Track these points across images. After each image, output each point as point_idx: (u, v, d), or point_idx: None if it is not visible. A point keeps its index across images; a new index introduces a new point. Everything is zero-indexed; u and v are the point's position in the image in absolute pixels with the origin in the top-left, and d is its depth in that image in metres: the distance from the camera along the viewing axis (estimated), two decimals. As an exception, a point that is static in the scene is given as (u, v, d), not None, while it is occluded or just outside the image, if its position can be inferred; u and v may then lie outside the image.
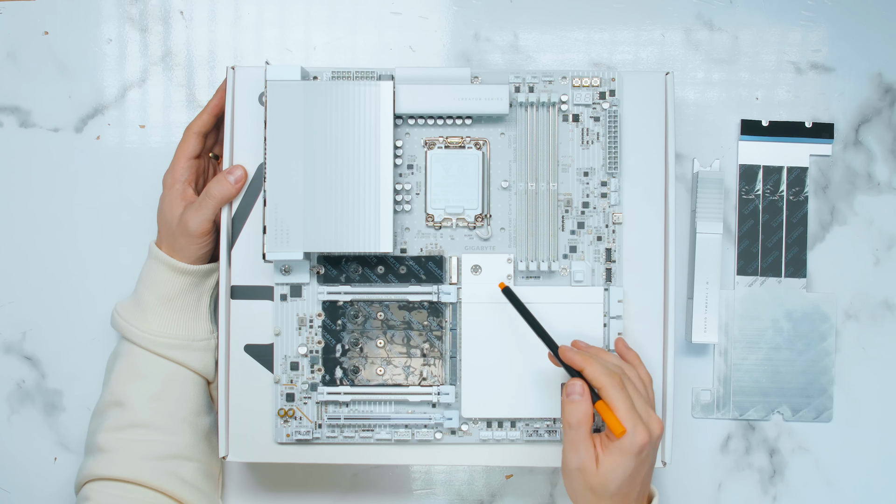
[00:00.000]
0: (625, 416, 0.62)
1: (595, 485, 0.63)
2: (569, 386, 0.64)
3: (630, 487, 0.63)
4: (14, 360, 0.81)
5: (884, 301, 0.81)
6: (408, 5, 0.82)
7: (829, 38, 0.82)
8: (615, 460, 0.62)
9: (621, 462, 0.62)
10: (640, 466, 0.63)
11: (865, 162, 0.81)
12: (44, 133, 0.81)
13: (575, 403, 0.63)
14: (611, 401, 0.62)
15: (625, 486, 0.63)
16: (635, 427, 0.62)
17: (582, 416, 0.63)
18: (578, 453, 0.63)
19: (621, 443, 0.62)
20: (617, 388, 0.63)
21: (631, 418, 0.62)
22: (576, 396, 0.63)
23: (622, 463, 0.62)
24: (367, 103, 0.70)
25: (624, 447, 0.62)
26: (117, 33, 0.82)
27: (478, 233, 0.73)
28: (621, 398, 0.63)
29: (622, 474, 0.62)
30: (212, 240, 0.73)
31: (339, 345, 0.72)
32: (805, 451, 0.81)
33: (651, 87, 0.73)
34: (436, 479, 0.81)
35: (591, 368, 0.64)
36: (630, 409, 0.62)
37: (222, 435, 0.72)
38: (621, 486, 0.62)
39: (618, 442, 0.62)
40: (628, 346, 0.71)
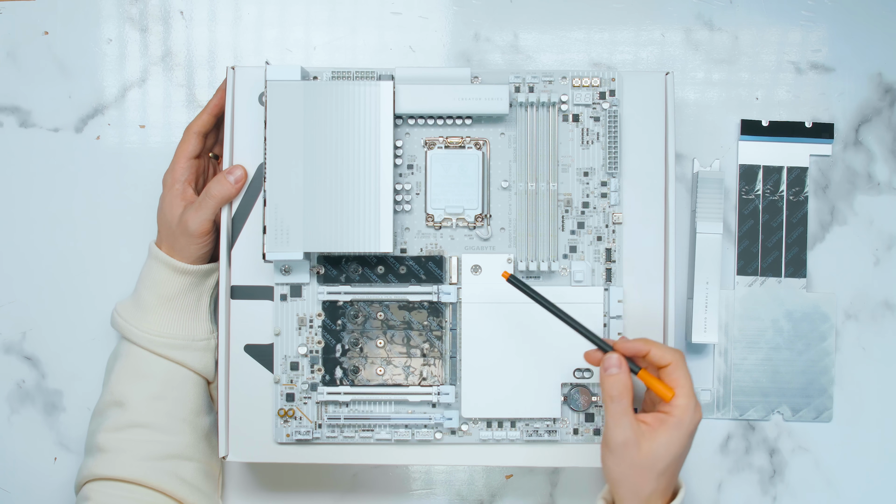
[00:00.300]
0: (688, 392, 0.62)
1: (642, 460, 0.61)
2: (605, 360, 0.63)
3: (675, 467, 0.62)
4: (14, 360, 0.81)
5: (884, 301, 0.81)
6: (408, 5, 0.82)
7: (829, 38, 0.82)
8: (671, 436, 0.61)
9: (676, 437, 0.61)
10: (687, 448, 0.62)
11: (865, 162, 0.81)
12: (44, 133, 0.81)
13: (614, 376, 0.62)
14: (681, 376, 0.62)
15: (672, 465, 0.62)
16: (696, 405, 0.62)
17: (623, 387, 0.62)
18: (622, 427, 0.62)
19: (680, 419, 0.61)
20: (682, 363, 0.63)
21: (693, 395, 0.62)
22: (613, 370, 0.63)
23: (677, 438, 0.61)
24: (367, 103, 0.70)
25: (684, 422, 0.61)
26: (117, 33, 0.82)
27: (478, 233, 0.73)
28: (686, 375, 0.62)
29: (674, 452, 0.61)
30: (212, 240, 0.73)
31: (339, 345, 0.72)
32: (805, 451, 0.81)
33: (651, 87, 0.73)
34: (436, 479, 0.81)
35: (657, 348, 0.63)
36: (691, 388, 0.62)
37: (222, 435, 0.72)
38: (669, 465, 0.61)
39: (678, 418, 0.61)
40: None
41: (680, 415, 0.61)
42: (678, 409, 0.62)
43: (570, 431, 0.72)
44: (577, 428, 0.72)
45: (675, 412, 0.62)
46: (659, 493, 0.63)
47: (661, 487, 0.63)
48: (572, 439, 0.72)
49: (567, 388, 0.72)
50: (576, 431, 0.72)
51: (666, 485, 0.63)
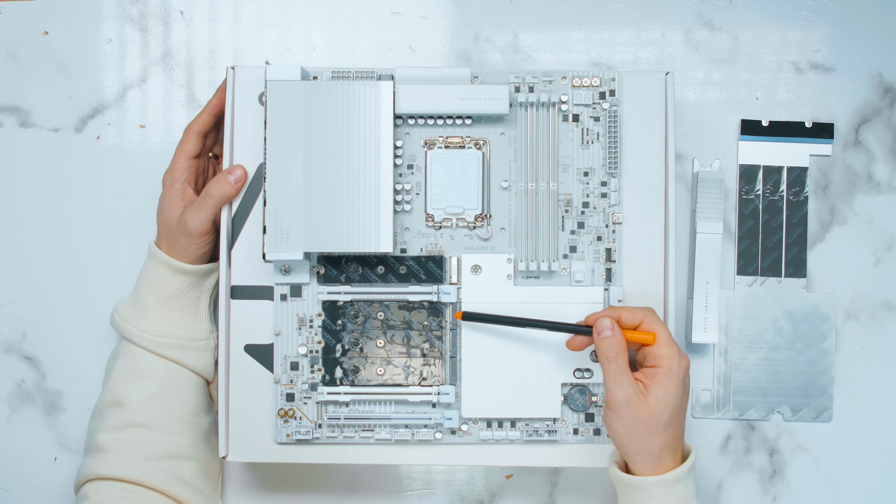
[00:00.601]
0: (669, 340, 0.64)
1: (646, 417, 0.63)
2: (598, 324, 0.65)
3: (679, 418, 0.64)
4: (14, 360, 0.81)
5: (884, 301, 0.81)
6: (408, 5, 0.82)
7: (829, 38, 0.82)
8: (665, 386, 0.63)
9: (671, 387, 0.63)
10: (685, 394, 0.64)
11: (865, 162, 0.81)
12: (44, 133, 0.81)
13: (608, 338, 0.64)
14: (657, 328, 0.65)
15: (675, 416, 0.63)
16: (679, 352, 0.64)
17: (618, 347, 0.64)
18: (622, 385, 0.63)
19: (668, 368, 0.63)
20: (655, 317, 0.65)
21: (674, 343, 0.64)
22: (607, 332, 0.65)
23: (672, 387, 0.63)
24: (367, 103, 0.70)
25: (672, 370, 0.63)
26: (117, 33, 0.82)
27: (478, 233, 0.73)
28: (662, 326, 0.65)
29: (673, 401, 0.63)
30: (211, 239, 0.73)
31: (339, 345, 0.72)
32: (805, 451, 0.81)
33: (651, 87, 0.73)
34: (436, 479, 0.81)
35: (626, 312, 0.66)
36: (670, 335, 0.65)
37: (222, 435, 0.72)
38: (672, 416, 0.63)
39: (666, 368, 0.63)
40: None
41: (667, 364, 0.63)
42: (663, 359, 0.64)
43: (570, 431, 0.72)
44: (577, 428, 0.72)
45: (662, 362, 0.64)
46: (669, 449, 0.64)
47: (669, 442, 0.64)
48: (572, 439, 0.72)
49: (567, 388, 0.72)
50: (576, 431, 0.72)
51: (674, 439, 0.64)
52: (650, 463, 0.64)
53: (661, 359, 0.64)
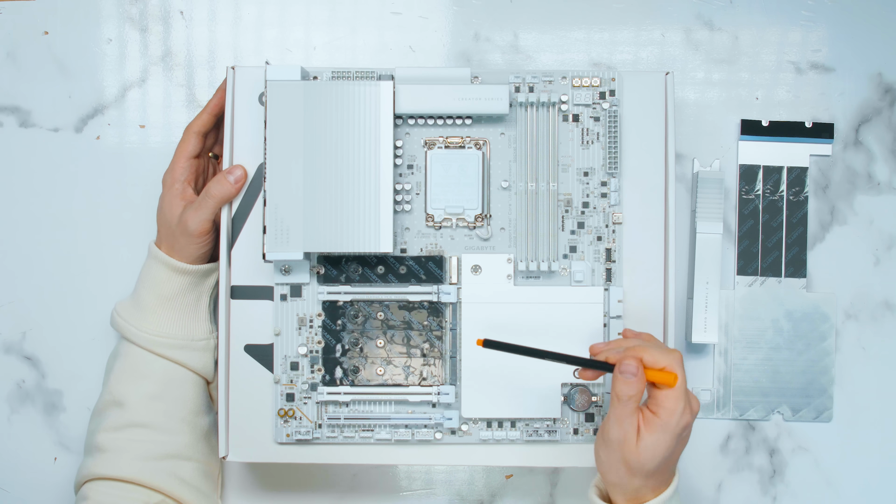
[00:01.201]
0: (680, 394, 0.62)
1: (632, 460, 0.62)
2: (623, 365, 0.63)
3: (665, 466, 0.63)
4: (14, 360, 0.81)
5: (884, 301, 0.81)
6: (408, 5, 0.82)
7: (829, 38, 0.82)
8: (658, 438, 0.62)
9: (663, 440, 0.62)
10: (679, 446, 0.63)
11: (865, 162, 0.81)
12: (44, 133, 0.81)
13: (629, 382, 0.62)
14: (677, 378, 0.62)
15: (661, 465, 0.63)
16: (684, 407, 0.62)
17: (636, 392, 0.62)
18: (623, 425, 0.62)
19: (666, 421, 0.62)
20: (679, 365, 0.63)
21: (683, 397, 0.62)
22: (630, 376, 0.62)
23: (664, 440, 0.62)
24: (367, 103, 0.70)
25: (670, 425, 0.62)
26: (117, 33, 0.82)
27: (478, 233, 0.73)
28: (682, 375, 0.63)
29: (662, 453, 0.62)
30: (211, 239, 0.73)
31: (339, 345, 0.72)
32: (805, 451, 0.81)
33: (651, 87, 0.73)
34: (436, 479, 0.81)
35: (648, 354, 0.63)
36: (685, 388, 0.63)
37: (222, 435, 0.72)
38: (658, 465, 0.62)
39: (664, 419, 0.62)
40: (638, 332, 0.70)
41: (665, 417, 0.62)
42: (664, 411, 0.62)
43: (570, 431, 0.72)
44: (577, 428, 0.72)
45: (661, 413, 0.62)
46: (649, 489, 0.64)
47: (650, 484, 0.63)
48: (572, 439, 0.72)
49: (567, 388, 0.72)
50: (576, 431, 0.72)
51: (657, 482, 0.64)
52: (626, 497, 0.64)
53: (663, 409, 0.62)
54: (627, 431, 0.62)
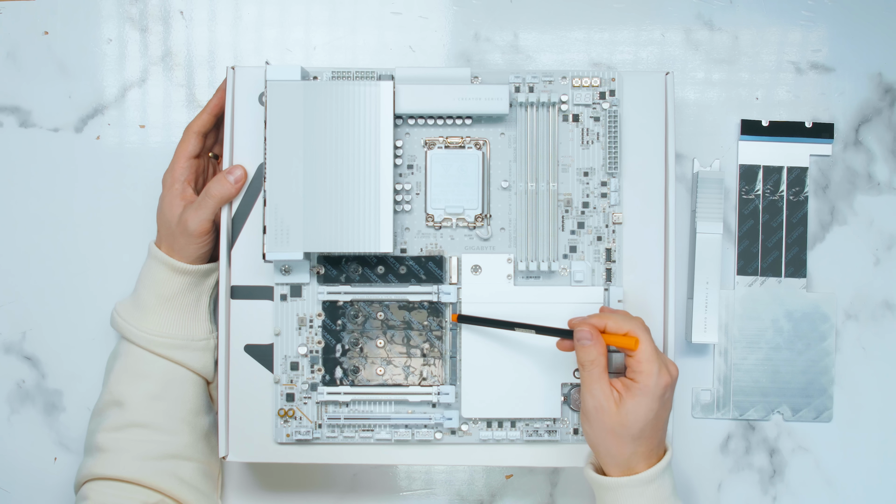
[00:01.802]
0: (650, 355, 0.64)
1: (615, 425, 0.63)
2: (577, 332, 0.65)
3: (653, 431, 0.64)
4: (14, 360, 0.81)
5: (884, 301, 0.81)
6: (408, 5, 0.82)
7: (829, 38, 0.82)
8: (638, 401, 0.63)
9: (644, 403, 0.63)
10: (662, 409, 0.64)
11: (865, 162, 0.81)
12: (44, 133, 0.81)
13: (586, 347, 0.65)
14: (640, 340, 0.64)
15: (647, 429, 0.63)
16: (660, 368, 0.63)
17: (595, 355, 0.64)
18: (594, 393, 0.64)
19: (645, 384, 0.63)
20: (641, 328, 0.65)
21: (656, 359, 0.64)
22: (586, 341, 0.65)
23: (645, 403, 0.63)
24: (367, 103, 0.70)
25: (648, 387, 0.63)
26: (117, 33, 0.82)
27: (478, 233, 0.73)
28: (647, 338, 0.64)
29: (645, 416, 0.63)
30: (211, 239, 0.73)
31: (339, 345, 0.72)
32: (805, 451, 0.81)
33: (651, 87, 0.73)
34: (436, 479, 0.81)
35: (613, 320, 0.65)
36: (654, 349, 0.64)
37: (222, 435, 0.72)
38: (644, 429, 0.63)
39: (642, 383, 0.63)
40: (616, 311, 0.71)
41: (644, 379, 0.63)
42: (642, 375, 0.63)
43: (570, 431, 0.72)
44: (577, 428, 0.72)
45: (639, 377, 0.64)
46: (640, 456, 0.64)
47: (640, 451, 0.64)
48: (572, 439, 0.72)
49: (567, 388, 0.72)
50: (576, 431, 0.72)
51: (647, 449, 0.64)
52: (619, 468, 0.65)
53: (639, 374, 0.64)
54: (599, 398, 0.64)
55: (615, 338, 0.65)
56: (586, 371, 0.65)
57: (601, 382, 0.64)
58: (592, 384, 0.64)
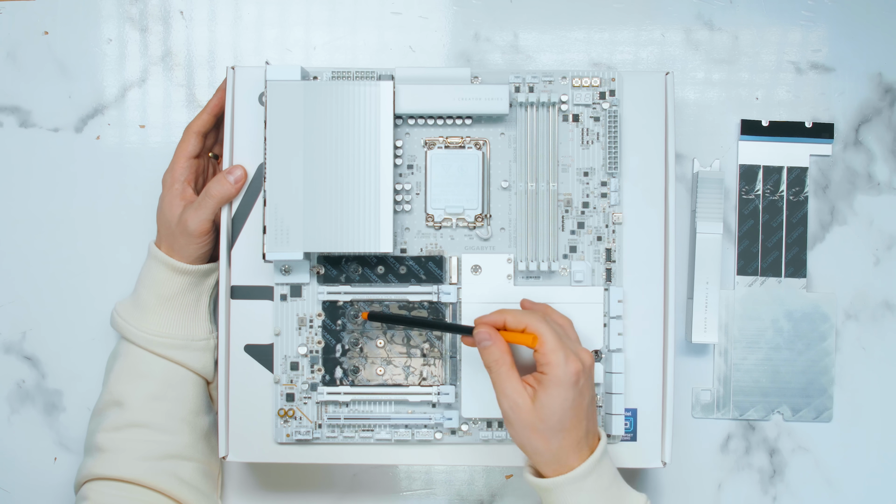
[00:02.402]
0: (553, 346, 0.62)
1: (534, 421, 0.62)
2: (476, 335, 0.65)
3: (574, 421, 0.63)
4: (14, 360, 0.81)
5: (884, 301, 0.81)
6: (408, 5, 0.82)
7: (829, 38, 0.82)
8: (551, 393, 0.62)
9: (557, 393, 0.62)
10: (579, 398, 0.63)
11: (865, 162, 0.81)
12: (44, 133, 0.81)
13: (487, 348, 0.64)
14: (538, 334, 0.63)
15: (567, 420, 0.62)
16: (567, 356, 0.62)
17: (497, 355, 0.64)
18: (506, 392, 0.63)
19: (554, 375, 0.62)
20: (540, 321, 0.64)
21: (561, 348, 0.63)
22: (486, 342, 0.64)
23: (559, 394, 0.62)
24: (367, 103, 0.70)
25: (558, 377, 0.62)
26: (117, 33, 0.82)
27: (478, 233, 0.73)
28: (547, 330, 0.63)
29: (561, 406, 0.62)
30: (211, 239, 0.73)
31: (339, 345, 0.72)
32: (805, 451, 0.81)
33: (651, 87, 0.73)
34: (436, 479, 0.81)
35: (511, 316, 0.65)
36: (558, 339, 0.63)
37: (222, 435, 0.72)
38: (563, 420, 0.62)
39: (551, 374, 0.62)
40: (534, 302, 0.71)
41: (551, 371, 0.62)
42: (549, 366, 0.62)
43: (570, 431, 0.72)
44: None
45: (547, 369, 0.63)
46: (569, 449, 0.63)
47: (566, 444, 0.63)
48: (572, 439, 0.72)
49: (567, 388, 0.72)
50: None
51: (573, 440, 0.63)
52: (551, 465, 0.64)
53: (547, 366, 0.63)
54: (512, 397, 0.63)
55: (514, 335, 0.64)
56: (493, 372, 0.64)
57: (510, 381, 0.63)
58: (502, 384, 0.64)
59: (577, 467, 0.63)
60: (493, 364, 0.64)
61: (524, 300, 0.71)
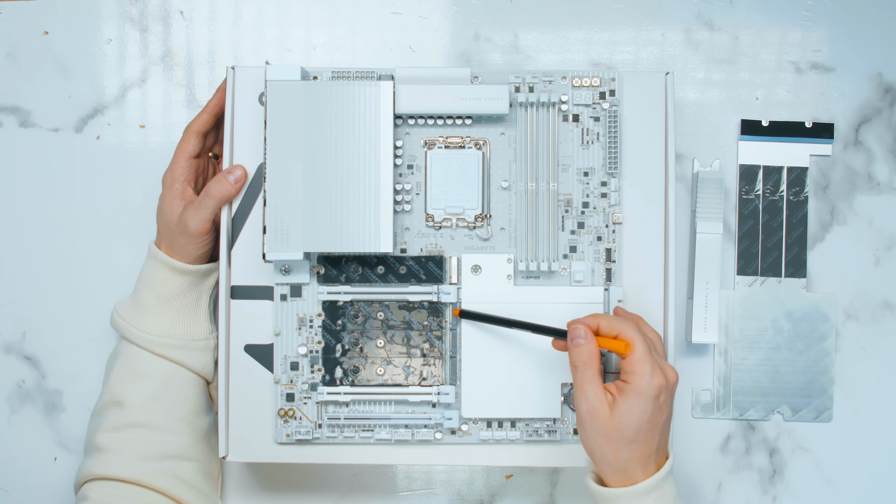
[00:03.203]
0: (642, 356, 0.62)
1: (609, 429, 0.62)
2: (572, 331, 0.64)
3: (649, 435, 0.62)
4: (14, 360, 0.81)
5: (884, 301, 0.81)
6: (408, 5, 0.82)
7: (829, 38, 0.82)
8: (631, 403, 0.61)
9: (637, 404, 0.61)
10: (658, 413, 0.62)
11: (865, 162, 0.81)
12: (44, 133, 0.81)
13: (579, 346, 0.64)
14: (631, 342, 0.63)
15: (643, 433, 0.62)
16: (653, 369, 0.62)
17: (588, 356, 0.63)
18: (587, 396, 0.63)
19: (637, 385, 0.61)
20: (634, 330, 0.63)
21: (649, 360, 0.62)
22: (580, 340, 0.64)
23: (639, 405, 0.61)
24: (367, 103, 0.70)
25: (641, 388, 0.61)
26: (117, 33, 0.82)
27: (478, 233, 0.73)
28: (639, 340, 0.63)
29: (638, 418, 0.61)
30: (211, 239, 0.73)
31: (339, 345, 0.72)
32: (805, 451, 0.81)
33: (651, 87, 0.73)
34: (436, 479, 0.81)
35: (605, 321, 0.64)
36: (647, 351, 0.62)
37: (222, 435, 0.72)
38: (638, 433, 0.62)
39: (634, 384, 0.62)
40: (628, 312, 0.70)
41: (636, 381, 0.62)
42: (634, 376, 0.62)
43: (570, 431, 0.72)
44: (577, 428, 0.72)
45: (632, 378, 0.62)
46: (636, 462, 0.63)
47: (636, 456, 0.62)
48: (572, 439, 0.72)
49: (567, 388, 0.72)
50: (576, 431, 0.72)
51: (643, 454, 0.63)
52: (616, 475, 0.63)
53: (632, 375, 0.62)
54: (592, 401, 0.62)
55: (607, 340, 0.64)
56: (578, 373, 0.63)
57: (594, 385, 0.63)
58: (585, 386, 0.63)
59: (642, 482, 0.62)
60: (582, 365, 0.63)
61: (617, 308, 0.71)
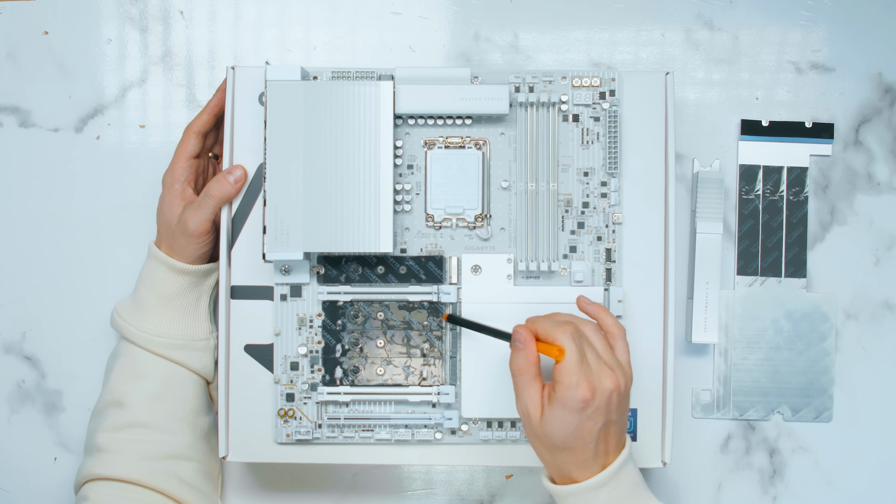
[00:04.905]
0: (570, 367, 0.60)
1: (539, 434, 0.62)
2: (514, 335, 0.63)
3: (579, 443, 0.61)
4: (14, 360, 0.81)
5: (884, 301, 0.81)
6: (408, 5, 0.82)
7: (829, 38, 0.82)
8: (555, 413, 0.61)
9: (561, 416, 0.60)
10: (587, 422, 0.60)
11: (865, 162, 0.81)
12: (44, 133, 0.81)
13: (518, 351, 0.63)
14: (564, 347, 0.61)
15: (571, 442, 0.61)
16: (578, 382, 0.60)
17: (524, 362, 0.62)
18: (521, 399, 0.63)
19: (562, 396, 0.60)
20: (567, 337, 0.61)
21: (577, 371, 0.60)
22: (518, 345, 0.63)
23: (562, 417, 0.60)
24: (367, 103, 0.70)
25: (564, 400, 0.60)
26: (117, 33, 0.82)
27: (478, 233, 0.73)
28: (571, 348, 0.61)
29: (563, 429, 0.60)
30: (211, 239, 0.73)
31: (339, 345, 0.72)
32: (805, 451, 0.81)
33: (651, 87, 0.73)
34: (436, 479, 0.81)
35: (541, 326, 0.63)
36: (577, 361, 0.60)
37: (222, 435, 0.72)
38: (566, 441, 0.61)
39: (559, 394, 0.60)
40: (591, 301, 0.68)
41: (560, 391, 0.60)
42: (559, 386, 0.61)
43: (570, 431, 0.72)
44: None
45: (558, 388, 0.61)
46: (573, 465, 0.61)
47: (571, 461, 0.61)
48: (572, 439, 0.72)
49: (567, 388, 0.72)
50: (576, 431, 0.72)
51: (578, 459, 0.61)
52: (557, 475, 0.63)
53: (558, 385, 0.61)
54: (527, 405, 0.62)
55: (543, 346, 0.62)
56: (515, 377, 0.63)
57: (527, 390, 0.62)
58: (519, 391, 0.63)
59: (584, 481, 0.62)
60: (518, 370, 0.63)
61: (581, 298, 0.68)
